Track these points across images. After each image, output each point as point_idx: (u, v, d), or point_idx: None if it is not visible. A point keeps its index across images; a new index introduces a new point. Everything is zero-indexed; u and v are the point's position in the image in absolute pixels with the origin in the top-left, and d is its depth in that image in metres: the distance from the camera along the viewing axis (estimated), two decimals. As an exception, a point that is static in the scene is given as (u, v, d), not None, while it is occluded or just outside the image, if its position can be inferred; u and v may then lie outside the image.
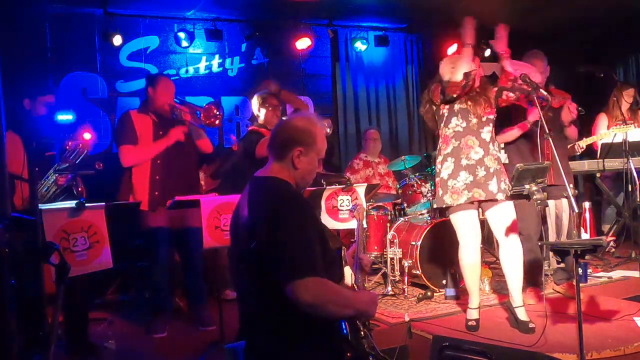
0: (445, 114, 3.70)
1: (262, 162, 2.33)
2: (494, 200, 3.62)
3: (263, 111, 4.49)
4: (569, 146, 4.86)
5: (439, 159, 3.72)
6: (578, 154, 5.28)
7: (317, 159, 2.24)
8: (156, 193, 4.01)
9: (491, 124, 3.67)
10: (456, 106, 3.65)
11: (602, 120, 5.75)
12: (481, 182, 3.57)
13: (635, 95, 5.48)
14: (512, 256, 3.66)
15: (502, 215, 3.65)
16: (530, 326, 3.58)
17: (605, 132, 5.42)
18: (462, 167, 3.60)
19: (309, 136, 2.19)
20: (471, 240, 3.69)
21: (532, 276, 4.27)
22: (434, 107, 3.76)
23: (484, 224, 4.17)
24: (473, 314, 3.75)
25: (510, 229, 3.64)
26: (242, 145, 4.63)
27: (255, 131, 4.40)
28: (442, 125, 3.73)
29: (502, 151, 4.14)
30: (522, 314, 3.66)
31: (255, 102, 4.58)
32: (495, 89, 3.74)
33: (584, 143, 5.24)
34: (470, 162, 3.60)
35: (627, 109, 5.44)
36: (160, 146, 4.04)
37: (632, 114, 5.56)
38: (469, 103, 3.63)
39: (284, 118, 2.31)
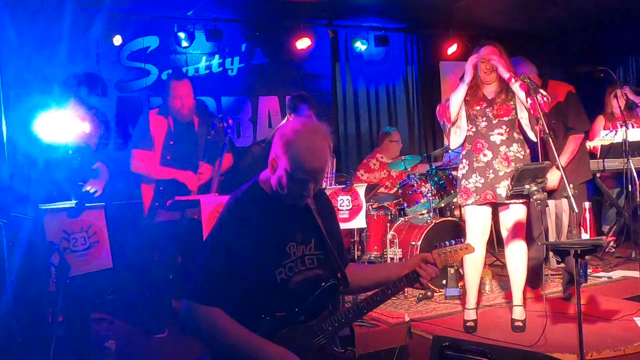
0: (461, 117, 3.69)
1: None
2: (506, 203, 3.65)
3: (293, 116, 4.48)
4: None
5: (460, 156, 3.80)
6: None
7: (286, 177, 1.92)
8: (161, 188, 4.00)
9: (504, 126, 3.62)
10: (463, 112, 3.68)
11: (599, 122, 5.75)
12: (491, 184, 3.61)
13: (616, 93, 5.47)
14: (514, 258, 3.71)
15: (512, 217, 3.68)
16: (515, 324, 3.62)
17: (605, 139, 5.43)
18: (474, 170, 3.66)
19: (282, 146, 1.93)
20: (475, 235, 3.72)
21: (533, 276, 4.27)
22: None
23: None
24: (470, 315, 3.76)
25: (517, 232, 3.67)
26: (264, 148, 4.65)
27: None
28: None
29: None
30: (516, 313, 3.69)
31: (288, 104, 4.59)
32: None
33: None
34: (480, 164, 3.65)
35: (625, 108, 5.40)
36: (169, 175, 4.01)
37: (630, 114, 5.54)
38: (477, 108, 3.64)
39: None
